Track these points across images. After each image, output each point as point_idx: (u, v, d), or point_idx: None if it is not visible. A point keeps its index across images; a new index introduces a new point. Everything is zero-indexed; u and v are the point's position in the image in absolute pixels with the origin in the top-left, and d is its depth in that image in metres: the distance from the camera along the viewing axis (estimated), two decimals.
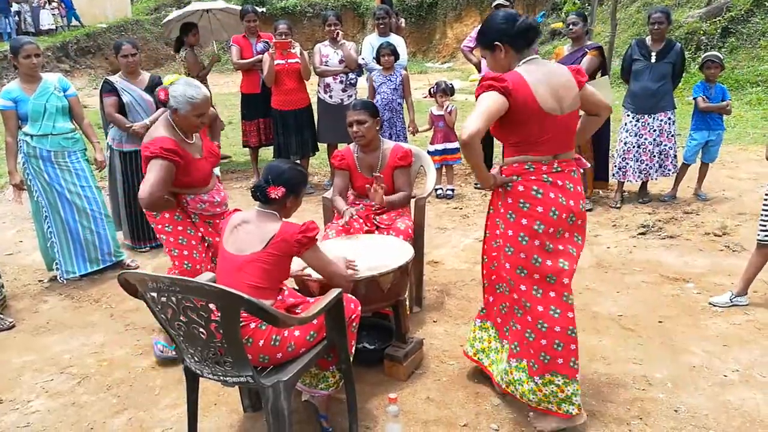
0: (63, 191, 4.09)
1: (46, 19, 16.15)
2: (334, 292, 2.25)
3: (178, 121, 2.86)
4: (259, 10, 6.80)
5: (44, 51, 14.49)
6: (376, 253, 2.87)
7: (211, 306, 1.93)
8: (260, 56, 5.70)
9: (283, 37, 5.45)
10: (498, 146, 5.90)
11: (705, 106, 5.10)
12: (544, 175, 2.28)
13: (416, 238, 3.39)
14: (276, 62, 5.47)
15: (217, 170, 3.20)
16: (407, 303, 3.34)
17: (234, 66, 6.20)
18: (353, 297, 2.49)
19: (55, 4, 16.61)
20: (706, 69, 5.12)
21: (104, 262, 4.30)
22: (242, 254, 2.26)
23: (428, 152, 5.65)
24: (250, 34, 5.96)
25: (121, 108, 4.38)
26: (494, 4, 5.68)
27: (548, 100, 2.21)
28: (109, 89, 4.38)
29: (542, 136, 2.25)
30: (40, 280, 4.31)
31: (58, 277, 4.22)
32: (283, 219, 2.36)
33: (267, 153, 6.53)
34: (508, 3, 5.66)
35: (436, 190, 5.81)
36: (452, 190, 5.86)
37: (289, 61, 5.52)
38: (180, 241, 2.98)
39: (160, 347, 3.15)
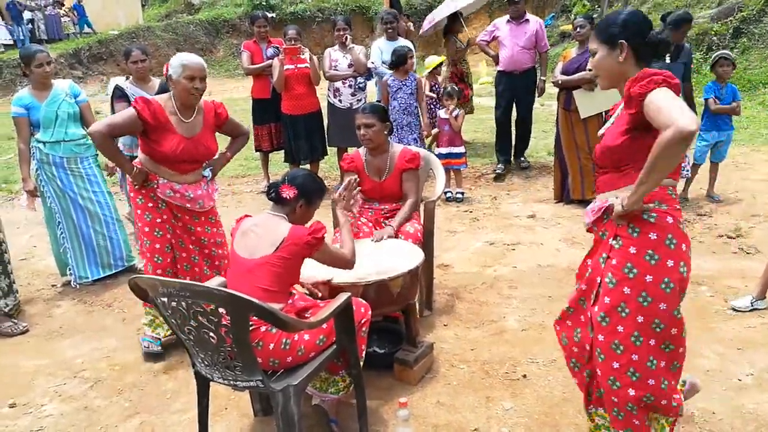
0: (75, 197, 4.12)
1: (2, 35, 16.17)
2: (343, 296, 2.25)
3: (174, 89, 2.95)
4: (270, 15, 6.84)
5: (57, 58, 14.70)
6: (385, 257, 2.86)
7: (221, 310, 1.94)
8: (270, 61, 5.72)
9: (293, 42, 5.49)
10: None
11: (716, 108, 5.04)
12: (677, 205, 1.92)
13: (426, 242, 3.39)
14: (286, 67, 5.50)
15: (206, 172, 3.21)
16: (417, 307, 3.33)
17: (244, 71, 6.23)
18: (363, 301, 2.49)
19: (65, 11, 16.78)
20: (718, 67, 5.04)
21: (116, 266, 4.33)
22: (253, 258, 2.27)
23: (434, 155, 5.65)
24: (261, 39, 5.99)
25: None
26: None
27: None
28: (120, 95, 4.40)
29: None
30: (53, 285, 4.35)
31: (71, 282, 4.25)
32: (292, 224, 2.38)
33: (278, 157, 6.56)
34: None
35: (445, 193, 5.79)
36: (462, 193, 5.85)
37: (299, 66, 5.54)
38: (156, 233, 3.09)
39: (146, 344, 3.28)
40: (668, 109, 1.68)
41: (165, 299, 1.99)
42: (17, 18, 16.02)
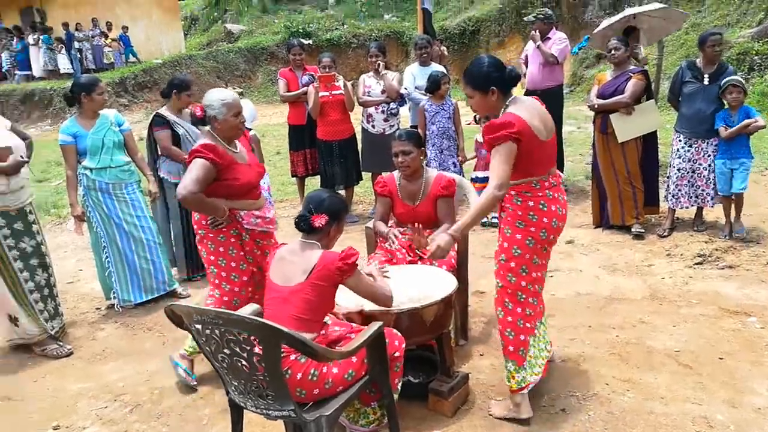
0: (120, 222, 4.25)
1: (64, 63, 16.93)
2: (374, 326, 2.24)
3: (220, 129, 3.02)
4: (306, 42, 6.98)
5: (104, 86, 15.22)
6: (418, 285, 2.84)
7: (254, 339, 1.96)
8: (305, 89, 5.83)
9: (327, 70, 5.58)
10: None
11: (726, 133, 4.73)
12: (547, 191, 2.67)
13: (460, 268, 3.36)
14: (321, 94, 5.59)
15: (266, 193, 3.33)
16: (452, 335, 3.29)
17: (281, 98, 6.36)
18: (397, 333, 2.47)
19: (110, 40, 17.46)
20: (727, 94, 4.73)
21: (159, 290, 4.43)
22: (287, 285, 2.29)
23: (471, 179, 5.62)
24: (296, 67, 6.11)
25: (175, 141, 4.54)
26: (535, 14, 6.08)
27: (541, 130, 2.59)
28: (161, 123, 4.51)
29: (540, 159, 2.65)
30: (97, 308, 4.46)
31: (114, 306, 4.36)
32: (325, 248, 2.39)
33: (314, 182, 6.64)
34: (542, 15, 5.97)
35: None
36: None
37: (333, 92, 5.63)
38: (241, 266, 3.11)
39: (182, 371, 3.26)
40: (494, 170, 2.50)
41: (199, 326, 2.02)
42: (69, 47, 16.79)
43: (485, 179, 5.65)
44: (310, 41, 17.18)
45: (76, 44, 16.85)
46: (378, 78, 5.77)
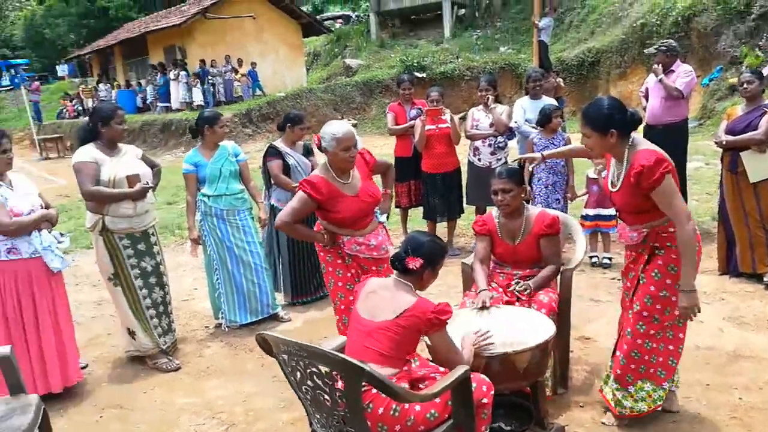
0: (232, 246, 4.50)
1: (197, 96, 18.33)
2: (460, 369, 2.16)
3: (331, 160, 3.17)
4: (420, 75, 7.09)
5: (231, 117, 16.52)
6: (513, 328, 2.71)
7: (336, 374, 1.96)
8: (413, 122, 5.92)
9: (435, 104, 5.63)
10: None
11: None
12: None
13: (561, 313, 3.17)
14: (427, 128, 5.64)
15: (382, 217, 3.41)
16: (550, 383, 3.10)
17: (389, 132, 6.51)
18: (486, 378, 2.36)
19: (239, 75, 18.92)
20: None
21: (262, 313, 4.63)
22: (373, 320, 2.28)
23: (581, 216, 5.34)
24: (405, 101, 6.23)
25: (285, 170, 4.77)
26: (657, 46, 5.78)
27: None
28: (274, 153, 4.79)
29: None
30: (206, 327, 4.74)
31: (222, 325, 4.60)
32: (418, 291, 2.36)
33: (417, 213, 6.66)
34: (665, 47, 5.67)
35: (591, 257, 5.43)
36: (609, 258, 5.43)
37: (440, 126, 5.65)
38: (348, 286, 3.25)
39: None
40: (673, 208, 2.52)
41: (285, 357, 2.06)
42: (203, 82, 18.47)
43: (595, 217, 5.37)
44: (424, 74, 17.48)
45: (210, 79, 18.45)
46: (487, 112, 5.72)
